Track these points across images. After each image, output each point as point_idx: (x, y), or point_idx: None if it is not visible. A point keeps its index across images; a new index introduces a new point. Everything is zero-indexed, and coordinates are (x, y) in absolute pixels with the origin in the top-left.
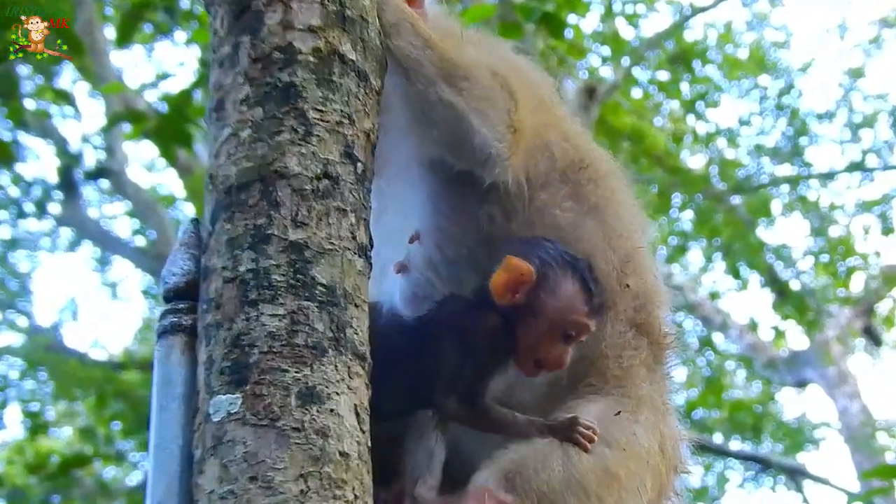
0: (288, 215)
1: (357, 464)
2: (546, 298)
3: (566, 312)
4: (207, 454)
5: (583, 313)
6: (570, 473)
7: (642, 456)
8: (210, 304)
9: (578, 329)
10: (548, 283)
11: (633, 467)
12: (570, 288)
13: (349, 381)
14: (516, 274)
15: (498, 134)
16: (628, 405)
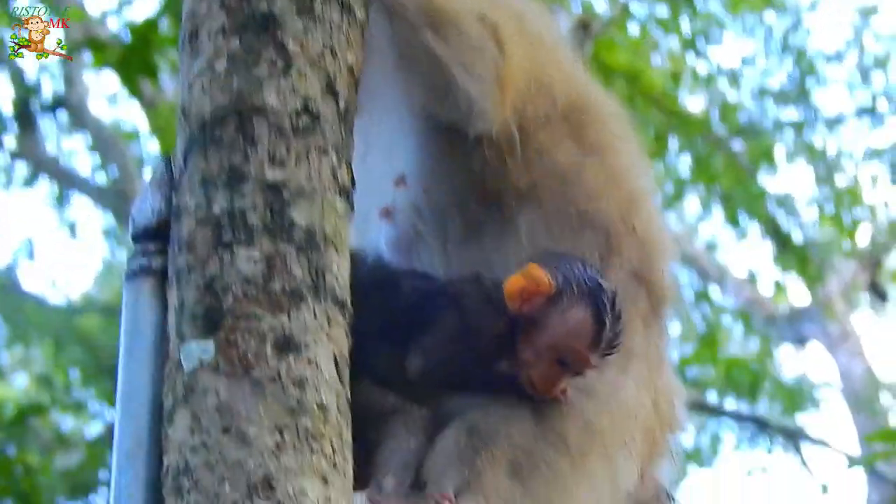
0: (265, 153)
1: (336, 416)
2: (553, 317)
3: (567, 338)
4: (178, 404)
5: (584, 344)
6: (546, 426)
7: (630, 411)
8: (181, 245)
9: (575, 358)
10: (560, 303)
11: (619, 422)
12: (580, 314)
13: (328, 330)
14: (534, 283)
15: (483, 89)
16: (617, 358)
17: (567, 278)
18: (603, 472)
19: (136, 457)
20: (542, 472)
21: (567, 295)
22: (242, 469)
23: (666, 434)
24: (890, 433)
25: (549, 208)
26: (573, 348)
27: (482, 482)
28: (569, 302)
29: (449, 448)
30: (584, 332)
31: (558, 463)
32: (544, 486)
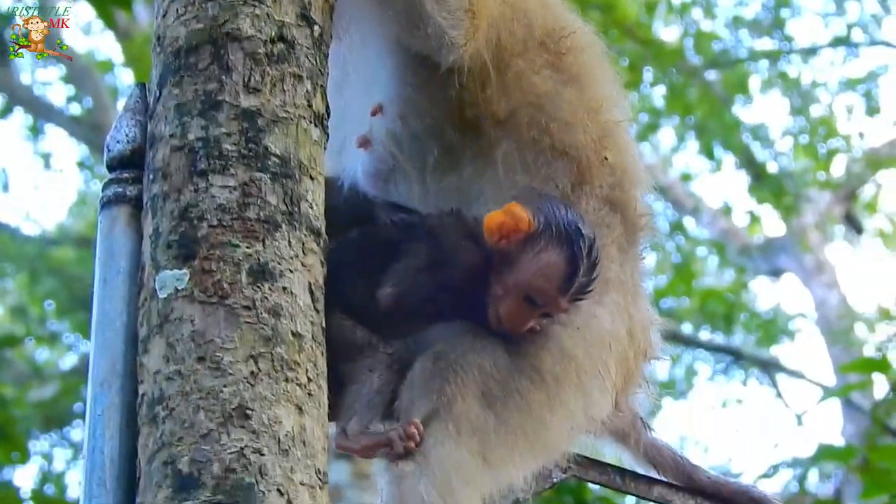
0: (240, 81)
1: (311, 345)
2: (527, 256)
3: (537, 278)
4: (153, 332)
5: (555, 286)
6: (518, 354)
7: (604, 339)
8: (156, 173)
9: (544, 299)
10: (537, 243)
11: (593, 350)
12: (553, 257)
13: (303, 258)
14: (513, 221)
15: (453, 20)
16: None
17: (548, 220)
18: (577, 402)
19: (110, 385)
20: (515, 402)
21: (545, 236)
22: (217, 398)
23: (640, 362)
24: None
25: (525, 137)
26: (542, 289)
27: (452, 410)
28: (545, 243)
29: (418, 378)
30: (556, 275)
31: (532, 393)
32: (517, 416)
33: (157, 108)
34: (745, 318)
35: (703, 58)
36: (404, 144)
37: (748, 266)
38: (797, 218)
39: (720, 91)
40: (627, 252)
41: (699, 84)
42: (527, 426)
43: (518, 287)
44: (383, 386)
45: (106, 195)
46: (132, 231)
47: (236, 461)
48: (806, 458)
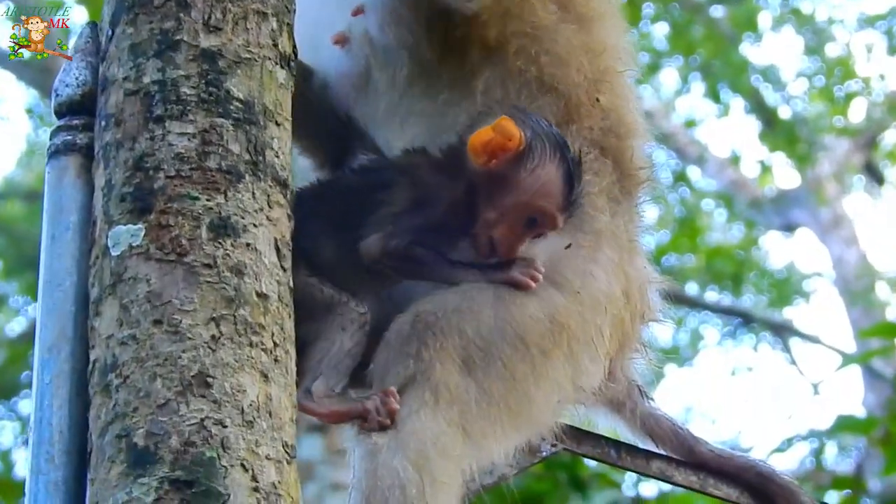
0: (199, 18)
1: (277, 306)
2: (523, 173)
3: (538, 195)
4: (105, 293)
5: (555, 203)
6: (504, 320)
7: (599, 301)
8: (109, 120)
9: (544, 218)
10: (531, 158)
11: (587, 314)
12: (552, 171)
13: (268, 212)
14: (504, 137)
15: None
16: (583, 240)
17: (536, 133)
18: (565, 372)
19: (59, 351)
20: (499, 371)
21: (537, 151)
22: (175, 364)
23: (638, 325)
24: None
25: (512, 67)
26: (542, 208)
27: (430, 376)
28: (539, 159)
29: (394, 339)
30: (555, 191)
31: (516, 363)
32: (500, 386)
33: (110, 48)
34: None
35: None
36: (379, 52)
37: (759, 220)
38: (812, 168)
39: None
40: (620, 203)
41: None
42: (510, 398)
43: (517, 208)
44: (354, 347)
45: (54, 144)
46: (82, 183)
47: (196, 433)
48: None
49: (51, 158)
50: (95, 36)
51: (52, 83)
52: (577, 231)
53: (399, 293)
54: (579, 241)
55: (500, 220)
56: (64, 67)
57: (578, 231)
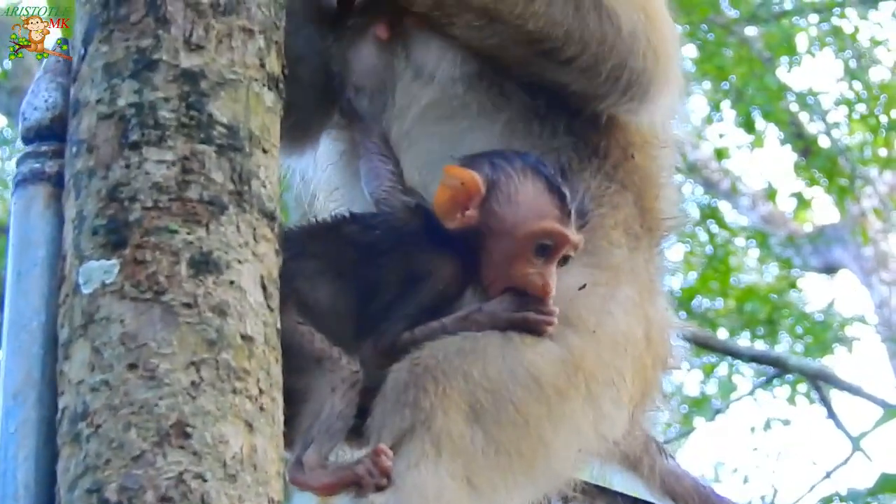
0: (180, 35)
1: (263, 350)
2: (503, 208)
3: (531, 220)
4: (76, 334)
5: (553, 217)
6: (515, 359)
7: (619, 342)
8: (81, 146)
9: (553, 239)
10: (501, 191)
11: (606, 355)
12: (531, 190)
13: (254, 247)
14: (459, 185)
15: None
16: (600, 277)
17: (496, 164)
18: (585, 416)
19: (25, 398)
20: (510, 417)
21: (505, 179)
22: (152, 412)
23: (659, 373)
24: None
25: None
26: (541, 229)
27: (431, 425)
28: (509, 185)
29: (390, 391)
30: (546, 206)
31: (530, 405)
32: (512, 434)
33: (82, 68)
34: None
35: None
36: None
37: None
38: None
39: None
40: (641, 239)
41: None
42: (523, 445)
43: (522, 242)
44: (346, 409)
45: (21, 172)
46: (51, 214)
47: (174, 488)
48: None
49: (17, 188)
50: (66, 54)
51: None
52: (593, 268)
53: None
54: (595, 279)
55: (512, 265)
56: (32, 89)
57: (594, 268)
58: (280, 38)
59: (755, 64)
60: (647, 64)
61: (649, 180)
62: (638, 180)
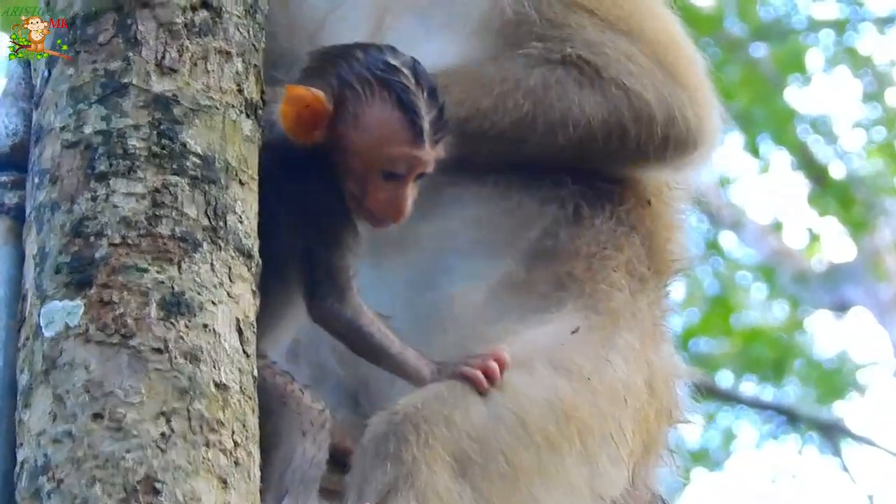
0: (152, 58)
1: (238, 399)
2: (348, 130)
3: (377, 146)
4: (36, 381)
5: (404, 142)
6: (499, 404)
7: (617, 391)
8: (43, 176)
9: (406, 162)
10: (347, 111)
11: (602, 405)
12: (378, 110)
13: (230, 287)
14: (301, 105)
15: None
16: (596, 321)
17: (343, 79)
18: (580, 473)
19: None
20: (498, 469)
21: (351, 98)
22: (118, 466)
23: (664, 425)
24: None
25: None
26: (395, 154)
27: (415, 482)
28: (356, 105)
29: (368, 444)
30: (398, 128)
31: (519, 454)
32: (501, 489)
33: (46, 92)
34: (800, 366)
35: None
36: None
37: (805, 298)
38: (869, 236)
39: (770, 70)
40: (646, 282)
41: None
42: (513, 501)
43: (369, 167)
44: (318, 454)
45: None
46: (11, 250)
47: None
48: None
49: None
50: (28, 77)
51: None
52: (589, 311)
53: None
54: (591, 323)
55: (364, 186)
56: None
57: (590, 311)
58: (259, 61)
59: (763, 85)
60: (690, 123)
61: (662, 223)
62: (649, 222)
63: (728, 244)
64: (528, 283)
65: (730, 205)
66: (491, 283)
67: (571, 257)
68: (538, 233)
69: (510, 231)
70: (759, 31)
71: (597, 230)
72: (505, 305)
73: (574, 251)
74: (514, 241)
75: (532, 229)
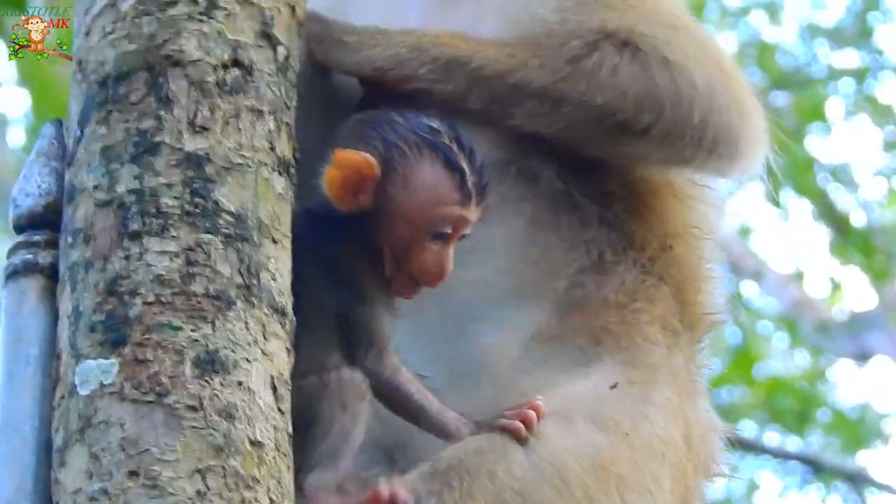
0: (184, 116)
1: (273, 456)
2: (399, 193)
3: (429, 206)
4: (72, 439)
5: (453, 202)
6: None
7: (655, 446)
8: (77, 235)
9: (453, 221)
10: (397, 173)
11: (641, 460)
12: (428, 172)
13: (264, 344)
14: (351, 170)
15: None
16: (635, 376)
17: (389, 142)
18: None
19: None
20: None
21: (399, 160)
22: None
23: (700, 479)
24: None
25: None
26: (440, 215)
27: None
28: (406, 166)
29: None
30: (445, 189)
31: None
32: None
33: (78, 151)
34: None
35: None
36: None
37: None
38: (891, 284)
39: (790, 119)
40: (680, 336)
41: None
42: None
43: (418, 230)
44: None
45: (12, 263)
46: (45, 309)
47: None
48: None
49: (8, 280)
50: (61, 137)
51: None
52: (627, 366)
53: None
54: (629, 377)
55: (408, 251)
56: (23, 173)
57: (628, 366)
58: (291, 119)
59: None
60: (732, 118)
61: (690, 273)
62: (677, 273)
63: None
64: (562, 335)
65: (751, 254)
66: (524, 334)
67: (602, 308)
68: (566, 283)
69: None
70: (779, 79)
71: (622, 278)
72: (540, 357)
73: (603, 301)
74: (543, 292)
75: (560, 279)
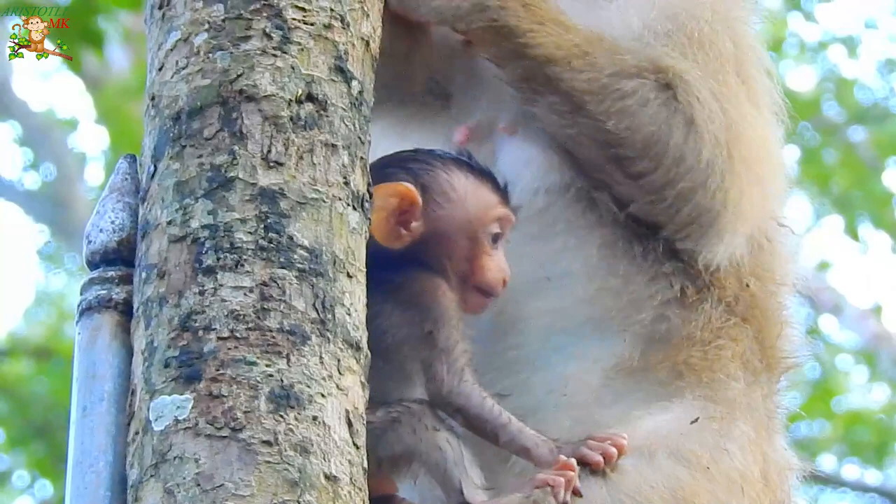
0: (257, 151)
1: (349, 491)
2: (445, 210)
3: (480, 212)
4: (147, 475)
5: (497, 202)
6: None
7: (735, 481)
8: (151, 271)
9: (502, 223)
10: (436, 193)
11: (720, 494)
12: (464, 182)
13: (339, 379)
14: (394, 202)
15: None
16: (714, 411)
17: (418, 169)
18: None
19: None
20: None
21: (434, 180)
22: None
23: None
24: None
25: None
26: (499, 215)
27: None
28: (444, 184)
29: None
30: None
31: None
32: None
33: (152, 187)
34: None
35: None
36: None
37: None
38: None
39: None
40: (759, 374)
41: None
42: None
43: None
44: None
45: (86, 299)
46: (119, 345)
47: None
48: None
49: (82, 316)
50: (134, 172)
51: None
52: (707, 401)
53: None
54: (710, 413)
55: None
56: (97, 209)
57: (709, 401)
58: (365, 153)
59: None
60: (715, 204)
61: (770, 317)
62: (759, 315)
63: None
64: (644, 368)
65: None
66: (605, 365)
67: (686, 343)
68: (651, 315)
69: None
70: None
71: (708, 316)
72: (620, 390)
73: (688, 336)
74: (627, 323)
75: (644, 310)
